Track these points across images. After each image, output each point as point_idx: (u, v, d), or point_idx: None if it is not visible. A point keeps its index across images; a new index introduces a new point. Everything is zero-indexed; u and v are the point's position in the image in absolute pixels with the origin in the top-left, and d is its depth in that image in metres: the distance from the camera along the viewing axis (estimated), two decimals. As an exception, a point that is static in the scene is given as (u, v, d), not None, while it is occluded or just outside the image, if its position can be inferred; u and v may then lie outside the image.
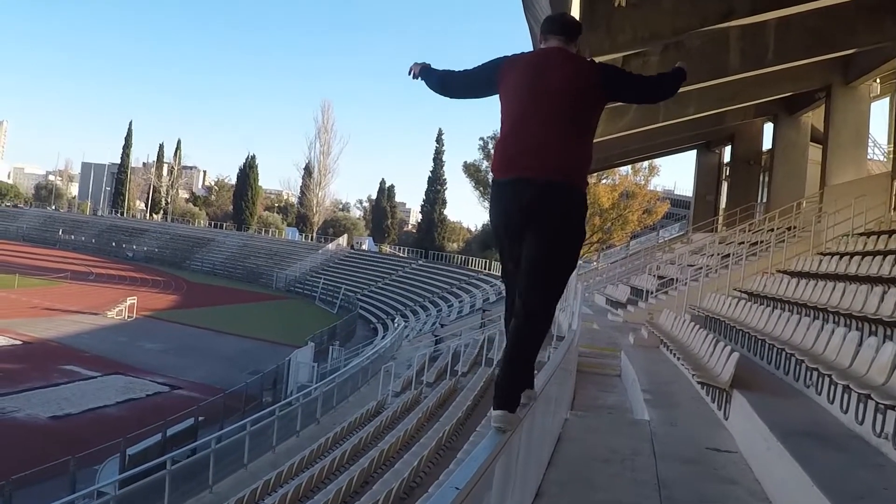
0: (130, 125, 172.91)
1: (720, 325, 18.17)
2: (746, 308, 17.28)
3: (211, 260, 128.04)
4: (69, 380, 43.84)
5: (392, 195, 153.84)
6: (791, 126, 37.11)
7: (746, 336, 15.46)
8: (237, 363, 52.33)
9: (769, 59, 23.34)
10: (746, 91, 30.00)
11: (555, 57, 5.21)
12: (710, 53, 23.65)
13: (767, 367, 13.70)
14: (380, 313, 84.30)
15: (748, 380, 11.57)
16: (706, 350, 14.06)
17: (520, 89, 5.11)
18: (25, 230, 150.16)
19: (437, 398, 27.44)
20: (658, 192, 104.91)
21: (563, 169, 4.92)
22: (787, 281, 18.53)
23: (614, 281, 40.15)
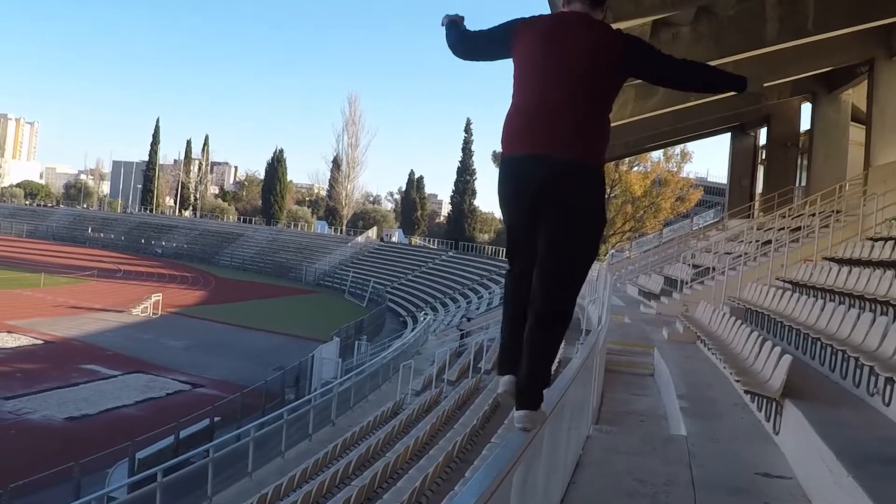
0: (158, 122, 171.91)
1: (763, 320, 16.53)
2: (793, 300, 15.58)
3: (240, 255, 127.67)
4: (88, 379, 43.04)
5: (421, 187, 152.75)
6: (830, 104, 35.22)
7: (794, 332, 13.78)
8: (263, 360, 51.12)
9: (808, 28, 21.76)
10: (783, 66, 28.20)
11: (576, 22, 4.73)
12: (744, 23, 22.11)
13: (819, 368, 12.06)
14: (409, 306, 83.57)
15: (801, 386, 9.93)
16: (750, 350, 12.35)
17: (535, 56, 4.69)
18: (55, 229, 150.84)
19: (457, 399, 26.05)
20: (691, 179, 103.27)
21: (583, 146, 4.54)
22: (835, 269, 16.87)
23: (647, 270, 38.48)
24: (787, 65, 28.01)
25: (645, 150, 66.63)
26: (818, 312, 13.27)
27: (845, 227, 24.08)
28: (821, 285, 16.18)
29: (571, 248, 4.65)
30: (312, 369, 43.87)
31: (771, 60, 26.58)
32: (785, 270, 21.49)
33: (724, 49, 22.30)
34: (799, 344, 13.47)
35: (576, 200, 4.56)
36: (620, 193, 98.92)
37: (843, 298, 14.64)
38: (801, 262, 21.13)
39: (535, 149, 4.54)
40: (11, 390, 38.78)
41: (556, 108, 4.55)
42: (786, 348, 11.90)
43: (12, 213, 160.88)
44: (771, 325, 15.72)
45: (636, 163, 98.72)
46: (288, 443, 26.22)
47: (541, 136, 4.54)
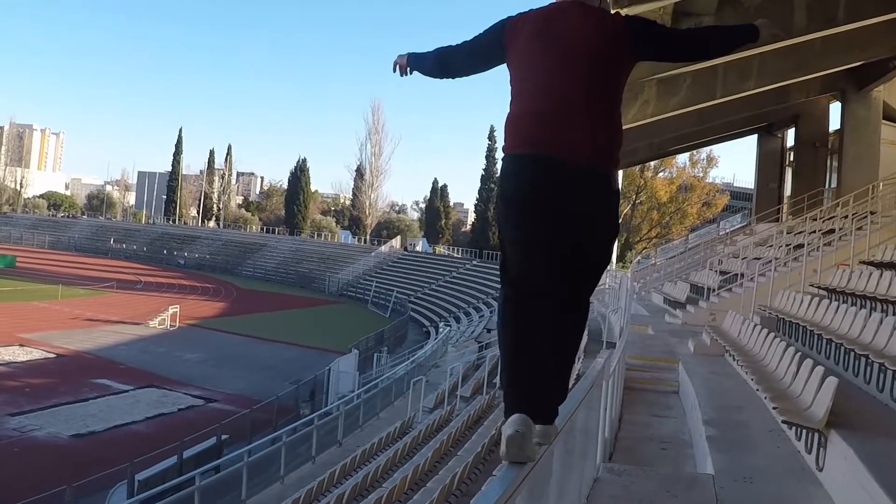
0: (180, 132, 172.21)
1: (798, 331, 15.14)
2: (830, 309, 14.04)
3: (263, 265, 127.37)
4: (99, 394, 42.11)
5: (445, 195, 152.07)
6: (861, 102, 33.99)
7: (834, 346, 12.40)
8: (281, 373, 50.08)
9: (840, 17, 20.57)
10: (812, 61, 26.89)
11: (573, 11, 4.39)
12: (772, 12, 20.86)
13: (865, 387, 10.70)
14: (433, 316, 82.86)
15: (846, 411, 8.53)
16: (786, 368, 10.91)
17: (534, 54, 4.36)
18: (77, 240, 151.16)
19: (468, 418, 24.64)
20: (717, 184, 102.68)
21: (597, 150, 4.18)
22: (875, 274, 15.48)
23: (672, 277, 37.14)
24: (815, 59, 26.67)
25: (670, 152, 65.42)
26: (861, 323, 11.83)
27: (882, 228, 22.61)
28: (861, 292, 14.77)
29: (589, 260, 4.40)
30: (329, 383, 42.87)
31: (799, 54, 25.58)
32: (819, 276, 20.03)
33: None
34: (840, 359, 12.09)
35: (589, 209, 4.23)
36: (646, 199, 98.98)
37: (885, 306, 13.46)
38: (836, 267, 19.73)
39: (547, 150, 4.16)
40: (18, 406, 37.97)
41: (565, 107, 4.20)
42: (825, 364, 10.64)
43: (34, 224, 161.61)
44: (807, 338, 14.31)
45: (662, 168, 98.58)
46: (289, 467, 24.99)
47: (552, 139, 4.16)
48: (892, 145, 31.58)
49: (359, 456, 23.87)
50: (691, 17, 20.64)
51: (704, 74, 27.16)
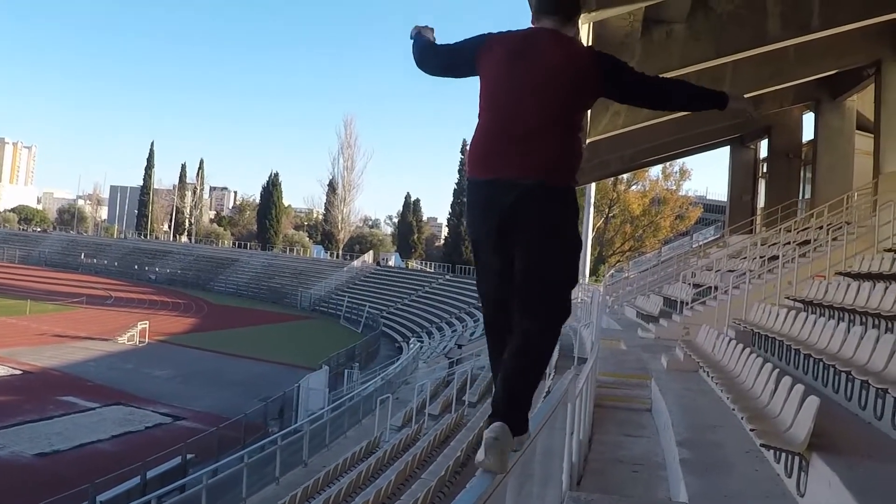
0: (152, 146, 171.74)
1: (774, 345, 14.60)
2: (808, 323, 13.48)
3: (235, 281, 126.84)
4: (65, 412, 41.45)
5: (418, 209, 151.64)
6: (835, 112, 33.72)
7: (812, 361, 11.88)
8: (251, 389, 49.32)
9: (814, 24, 20.14)
10: (786, 69, 26.55)
11: (545, 39, 4.60)
12: (745, 18, 20.51)
13: (846, 404, 10.16)
14: (406, 331, 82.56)
15: (829, 432, 7.97)
16: (763, 385, 10.34)
17: (503, 74, 4.55)
18: (47, 255, 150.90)
19: (435, 437, 24.02)
20: (690, 197, 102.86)
21: (552, 168, 4.38)
22: (852, 285, 15.01)
23: (645, 291, 36.73)
24: (789, 68, 26.36)
25: (643, 164, 65.22)
26: (841, 337, 11.30)
27: (858, 239, 22.20)
28: (839, 304, 14.27)
29: (547, 274, 4.47)
30: (298, 400, 42.37)
31: (772, 63, 25.27)
32: (795, 288, 19.57)
33: (722, 47, 20.84)
34: (819, 375, 11.57)
35: (546, 224, 4.43)
36: (619, 213, 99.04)
37: (863, 318, 13.01)
38: (812, 279, 19.28)
39: (502, 173, 4.41)
40: (-20, 424, 37.11)
41: (523, 129, 4.41)
42: (803, 380, 10.19)
43: (4, 238, 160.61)
44: (784, 352, 13.79)
45: (634, 181, 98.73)
46: (253, 488, 24.26)
47: (508, 160, 4.41)
48: (866, 155, 31.23)
49: (322, 477, 23.28)
50: (662, 24, 20.24)
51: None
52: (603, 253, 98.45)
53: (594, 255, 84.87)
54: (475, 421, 24.90)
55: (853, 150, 33.32)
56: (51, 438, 36.27)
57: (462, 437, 23.28)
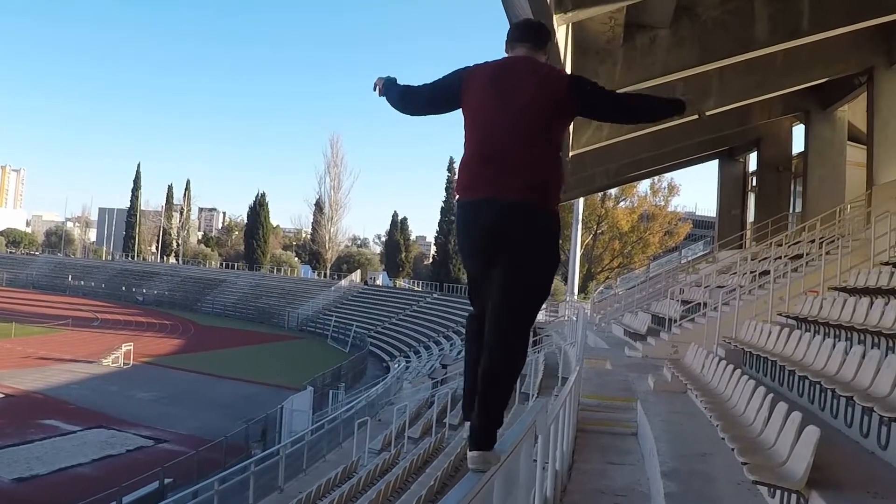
0: (139, 168, 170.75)
1: (766, 365, 13.79)
2: (803, 341, 12.64)
3: (222, 301, 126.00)
4: (46, 436, 40.79)
5: (405, 228, 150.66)
6: (825, 122, 33.06)
7: (808, 384, 11.08)
8: (236, 411, 48.49)
9: (804, 27, 19.46)
10: (774, 78, 25.87)
11: (520, 66, 5.04)
12: (732, 23, 19.84)
13: (846, 430, 9.39)
14: (393, 350, 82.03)
15: (829, 463, 7.17)
16: (756, 410, 9.52)
17: (482, 102, 4.95)
18: (35, 277, 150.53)
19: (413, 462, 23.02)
20: (679, 213, 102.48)
21: (533, 189, 4.75)
22: (848, 301, 14.21)
23: (633, 308, 35.86)
24: (778, 76, 25.66)
25: (629, 179, 64.61)
26: (840, 357, 10.47)
27: (852, 252, 21.45)
28: (835, 321, 13.42)
29: (523, 292, 4.80)
30: (282, 421, 41.72)
31: (760, 72, 24.61)
32: (787, 304, 18.77)
33: (708, 53, 20.12)
34: (814, 397, 10.79)
35: (529, 243, 4.72)
36: (608, 229, 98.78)
37: (861, 336, 12.31)
38: (806, 294, 18.53)
39: (487, 193, 4.72)
40: (-41, 449, 36.59)
41: (505, 152, 4.72)
42: (798, 403, 9.63)
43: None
44: (777, 373, 13.00)
45: (623, 197, 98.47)
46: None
47: (491, 181, 4.71)
48: (857, 167, 30.62)
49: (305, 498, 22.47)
50: (645, 30, 19.56)
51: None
52: (591, 270, 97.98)
53: (582, 272, 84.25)
54: (455, 444, 23.97)
55: (845, 161, 32.69)
56: (30, 462, 35.75)
57: (439, 462, 22.33)
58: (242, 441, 38.47)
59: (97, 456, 37.74)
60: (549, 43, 5.38)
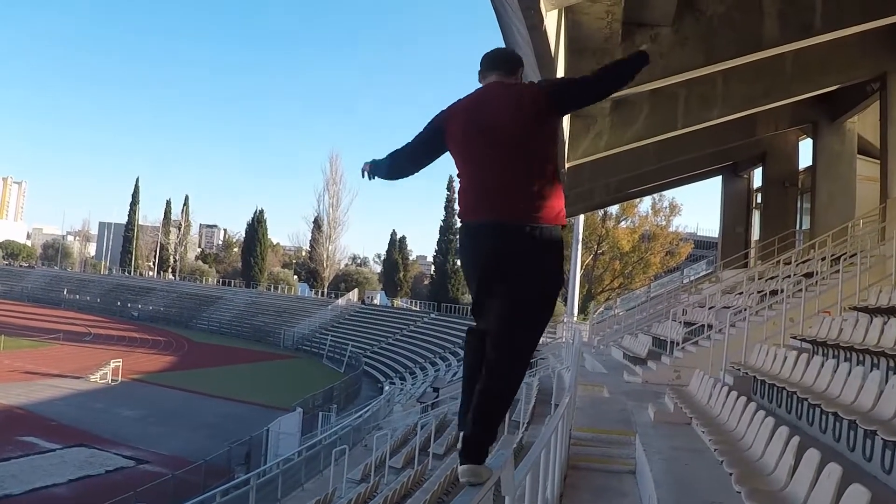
0: (137, 182, 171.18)
1: (781, 396, 12.24)
2: (819, 366, 11.17)
3: (218, 318, 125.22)
4: (24, 453, 39.73)
5: (404, 247, 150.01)
6: (834, 135, 31.85)
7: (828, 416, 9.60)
8: (223, 431, 46.93)
9: (817, 25, 18.18)
10: (782, 85, 24.57)
11: (492, 93, 5.19)
12: (739, 21, 18.61)
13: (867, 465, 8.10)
14: (389, 371, 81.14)
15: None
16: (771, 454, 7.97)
17: (467, 140, 5.09)
18: (30, 290, 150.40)
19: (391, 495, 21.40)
20: (680, 233, 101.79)
21: (533, 209, 4.85)
22: (866, 322, 12.82)
23: (633, 330, 34.44)
24: (785, 84, 24.42)
25: (630, 195, 63.70)
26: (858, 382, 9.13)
27: (870, 269, 20.01)
28: (860, 345, 11.90)
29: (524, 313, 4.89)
30: (268, 443, 40.28)
31: (768, 79, 23.40)
32: (801, 326, 17.29)
33: (713, 53, 18.82)
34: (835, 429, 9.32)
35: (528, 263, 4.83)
36: (608, 249, 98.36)
37: (875, 359, 11.31)
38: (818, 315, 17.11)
39: (488, 216, 4.86)
40: (-68, 465, 35.62)
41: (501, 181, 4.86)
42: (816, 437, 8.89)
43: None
44: (791, 403, 11.52)
45: (623, 217, 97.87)
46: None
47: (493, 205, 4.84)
48: (867, 181, 29.47)
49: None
50: (645, 28, 18.26)
51: (664, 102, 24.83)
52: (592, 290, 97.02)
53: (582, 293, 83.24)
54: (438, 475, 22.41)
55: (854, 175, 31.56)
56: (5, 481, 34.58)
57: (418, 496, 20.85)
58: (225, 463, 37.33)
59: (74, 476, 36.80)
60: (520, 69, 5.43)
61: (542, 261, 4.85)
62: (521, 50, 13.68)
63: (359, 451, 31.39)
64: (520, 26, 12.53)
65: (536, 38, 12.44)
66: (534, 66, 13.76)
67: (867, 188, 29.65)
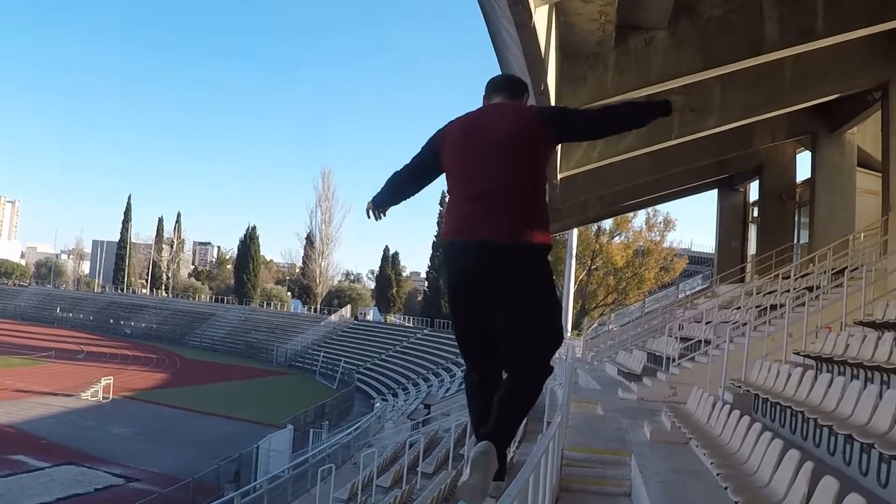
0: (129, 200, 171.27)
1: (786, 416, 11.56)
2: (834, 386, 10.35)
3: (210, 335, 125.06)
4: (11, 472, 39.49)
5: (397, 263, 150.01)
6: (833, 146, 31.12)
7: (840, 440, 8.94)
8: (213, 449, 46.37)
9: (818, 29, 17.57)
10: (780, 95, 23.93)
11: (491, 111, 5.27)
12: (737, 24, 17.96)
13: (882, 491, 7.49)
14: (381, 387, 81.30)
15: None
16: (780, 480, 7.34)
17: (462, 150, 5.14)
18: (23, 308, 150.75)
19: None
20: (675, 249, 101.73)
21: (522, 228, 4.89)
22: (872, 337, 12.26)
23: (627, 346, 33.84)
24: (784, 93, 23.72)
25: (624, 209, 63.31)
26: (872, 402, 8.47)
27: (874, 283, 19.38)
28: (870, 362, 11.22)
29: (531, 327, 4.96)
30: (258, 461, 40.07)
31: (766, 88, 22.87)
32: (804, 341, 16.63)
33: (711, 57, 18.18)
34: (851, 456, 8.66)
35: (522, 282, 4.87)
36: (602, 265, 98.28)
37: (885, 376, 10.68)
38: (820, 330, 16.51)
39: (471, 235, 4.91)
40: (-83, 485, 35.26)
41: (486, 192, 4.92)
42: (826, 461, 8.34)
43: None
44: (796, 423, 10.84)
45: (617, 232, 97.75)
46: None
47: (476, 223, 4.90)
48: (866, 194, 28.97)
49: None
50: (640, 31, 17.71)
51: None
52: (586, 306, 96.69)
53: (576, 309, 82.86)
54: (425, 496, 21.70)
55: (854, 188, 30.90)
56: None
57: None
58: (214, 481, 37.09)
59: (63, 495, 36.55)
60: (525, 94, 5.52)
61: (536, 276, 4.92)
62: (511, 51, 13.21)
63: (348, 469, 30.96)
64: (508, 26, 12.01)
65: (525, 36, 11.87)
66: (523, 69, 13.22)
67: (867, 201, 29.17)
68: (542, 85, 14.09)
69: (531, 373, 4.96)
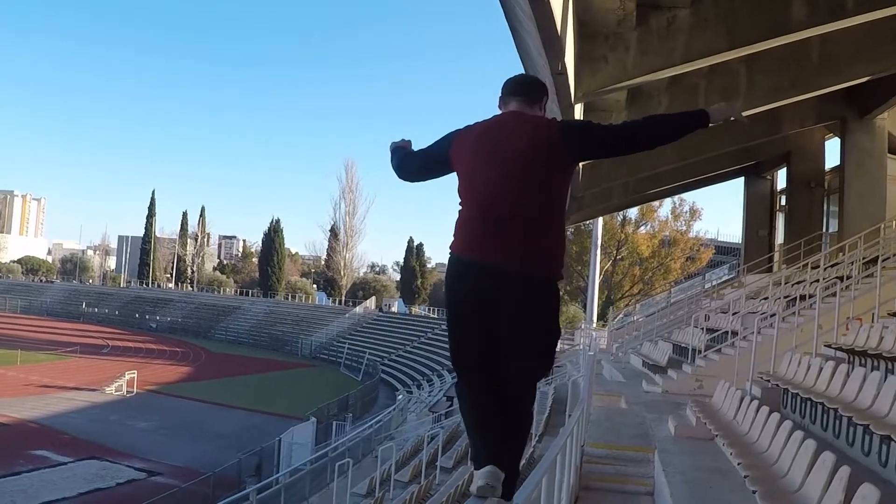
0: (153, 194, 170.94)
1: (817, 412, 10.99)
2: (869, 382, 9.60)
3: (236, 328, 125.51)
4: (34, 467, 39.16)
5: (421, 254, 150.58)
6: (863, 131, 30.53)
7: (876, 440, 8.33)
8: (237, 442, 46.25)
9: (848, 7, 16.82)
10: (808, 78, 23.27)
11: (510, 121, 4.96)
12: (762, 2, 17.34)
13: None
14: (406, 379, 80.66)
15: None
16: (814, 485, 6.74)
17: (477, 162, 4.89)
18: (49, 304, 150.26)
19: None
20: (701, 238, 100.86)
21: (534, 256, 4.69)
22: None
23: (652, 337, 33.20)
24: (814, 75, 23.08)
25: (647, 197, 62.29)
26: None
27: (901, 273, 18.70)
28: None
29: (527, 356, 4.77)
30: (279, 454, 39.77)
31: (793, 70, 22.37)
32: (836, 333, 15.95)
33: (737, 37, 17.54)
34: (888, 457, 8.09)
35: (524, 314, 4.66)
36: (627, 255, 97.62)
37: None
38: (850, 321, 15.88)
39: (486, 258, 4.64)
40: (-59, 480, 35.17)
41: (502, 213, 4.63)
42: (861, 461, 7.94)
43: (7, 288, 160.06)
44: (828, 420, 10.25)
45: (643, 222, 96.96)
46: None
47: (490, 245, 4.63)
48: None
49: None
50: (662, 10, 17.14)
51: (683, 94, 23.91)
52: (611, 296, 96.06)
53: (602, 299, 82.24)
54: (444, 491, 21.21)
55: (885, 175, 30.34)
56: (14, 496, 34.20)
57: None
58: (235, 475, 36.59)
59: (85, 489, 36.12)
60: (544, 98, 5.21)
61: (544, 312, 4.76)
62: (526, 29, 12.70)
63: (368, 463, 30.69)
64: (522, 3, 11.45)
65: (540, 12, 11.32)
66: (539, 49, 12.72)
67: (895, 188, 28.59)
68: (559, 65, 13.58)
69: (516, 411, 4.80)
